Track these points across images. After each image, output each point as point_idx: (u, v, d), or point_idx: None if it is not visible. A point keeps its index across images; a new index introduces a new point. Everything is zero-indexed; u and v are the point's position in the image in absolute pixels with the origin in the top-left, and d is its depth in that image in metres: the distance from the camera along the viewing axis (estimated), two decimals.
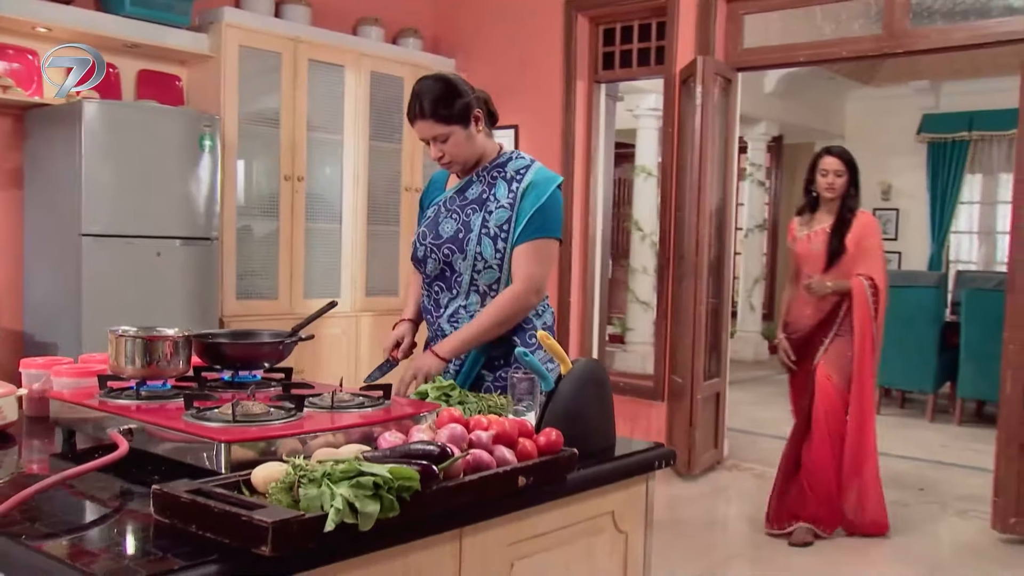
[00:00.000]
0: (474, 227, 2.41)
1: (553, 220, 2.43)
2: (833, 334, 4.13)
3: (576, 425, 1.88)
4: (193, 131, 4.50)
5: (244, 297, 5.07)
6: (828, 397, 4.11)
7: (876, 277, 4.05)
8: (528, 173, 2.44)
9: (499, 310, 2.36)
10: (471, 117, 2.40)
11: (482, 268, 2.40)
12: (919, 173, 10.33)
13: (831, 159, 4.09)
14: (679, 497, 4.88)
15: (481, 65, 6.16)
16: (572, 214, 5.76)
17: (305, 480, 1.36)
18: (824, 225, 4.13)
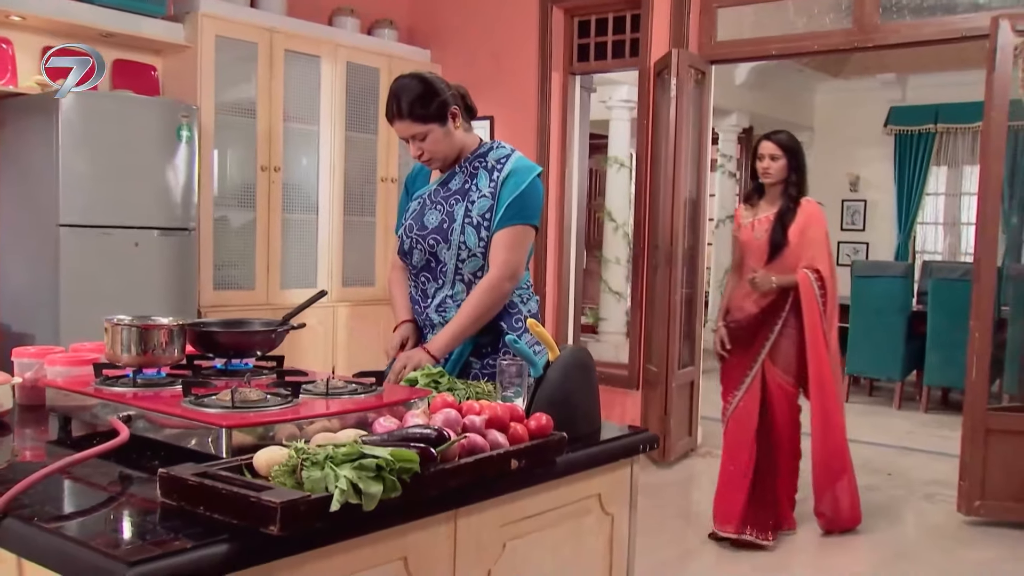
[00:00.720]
0: (457, 217, 2.46)
1: (531, 207, 2.48)
2: (778, 331, 3.97)
3: (564, 410, 1.93)
4: (171, 121, 4.50)
5: (221, 288, 5.08)
6: (782, 406, 4.00)
7: (822, 268, 3.90)
8: (508, 162, 2.49)
9: (478, 301, 2.41)
10: (448, 114, 2.44)
11: (466, 257, 2.46)
12: (886, 165, 10.50)
13: (766, 143, 3.98)
14: (653, 484, 4.96)
15: (456, 56, 6.20)
16: (547, 205, 5.82)
17: (308, 463, 1.41)
18: (768, 213, 4.00)
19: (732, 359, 4.08)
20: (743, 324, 4.03)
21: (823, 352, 3.90)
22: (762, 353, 3.98)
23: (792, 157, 3.95)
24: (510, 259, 2.44)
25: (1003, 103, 4.18)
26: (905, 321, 7.02)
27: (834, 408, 4.03)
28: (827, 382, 3.95)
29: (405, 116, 2.41)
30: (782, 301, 3.93)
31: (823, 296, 3.89)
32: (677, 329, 5.03)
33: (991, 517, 4.32)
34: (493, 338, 2.47)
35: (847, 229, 10.82)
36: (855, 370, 7.33)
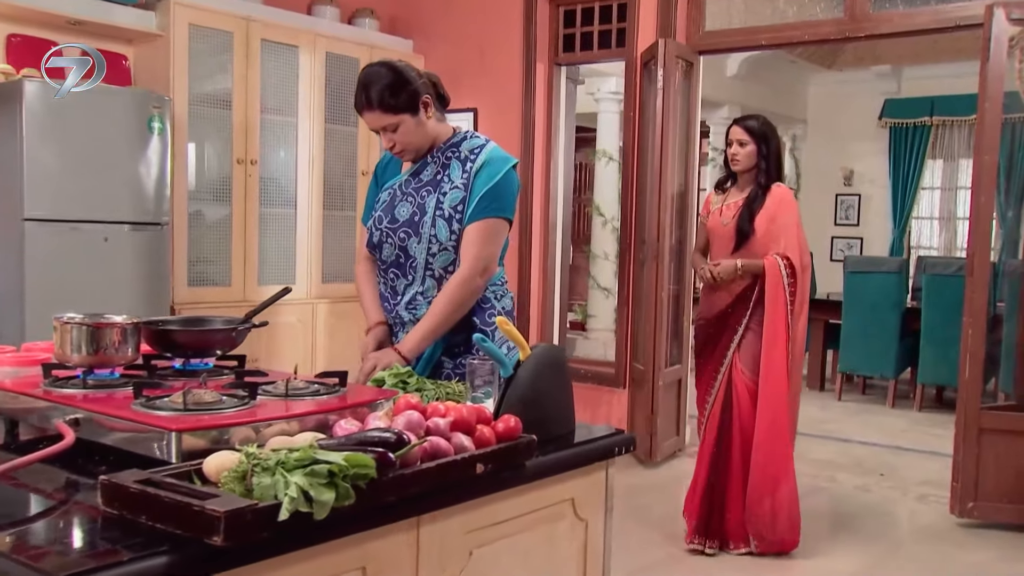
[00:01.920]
0: (428, 209, 2.42)
1: (505, 200, 2.43)
2: (745, 325, 3.79)
3: (535, 411, 1.89)
4: (142, 112, 4.43)
5: (196, 284, 5.02)
6: (747, 408, 3.80)
7: (792, 256, 3.71)
8: (482, 153, 2.44)
9: (449, 298, 2.37)
10: (420, 104, 2.39)
11: (437, 251, 2.41)
12: (881, 158, 10.49)
13: (734, 128, 3.87)
14: (639, 485, 4.93)
15: (439, 47, 6.14)
16: (532, 199, 5.77)
17: (259, 468, 1.36)
18: (737, 199, 3.86)
19: (703, 361, 3.97)
20: (711, 321, 3.92)
21: (782, 346, 3.71)
22: (731, 350, 3.83)
23: (762, 143, 3.81)
24: (482, 253, 2.39)
25: (997, 94, 4.15)
26: (899, 318, 7.00)
27: (782, 409, 3.76)
28: (779, 380, 3.72)
29: (375, 106, 2.36)
30: (750, 292, 3.79)
31: (792, 286, 3.72)
32: (664, 326, 4.99)
33: (984, 519, 4.29)
34: (466, 336, 2.42)
35: (841, 224, 10.81)
36: (848, 368, 7.31)
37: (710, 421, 3.92)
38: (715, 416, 3.89)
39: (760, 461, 3.79)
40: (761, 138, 3.83)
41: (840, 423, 6.44)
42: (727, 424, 3.87)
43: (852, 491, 4.85)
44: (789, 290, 3.75)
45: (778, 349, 3.76)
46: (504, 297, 2.53)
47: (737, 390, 3.84)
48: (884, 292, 7.00)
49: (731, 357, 3.85)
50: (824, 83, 10.78)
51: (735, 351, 3.83)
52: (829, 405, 7.10)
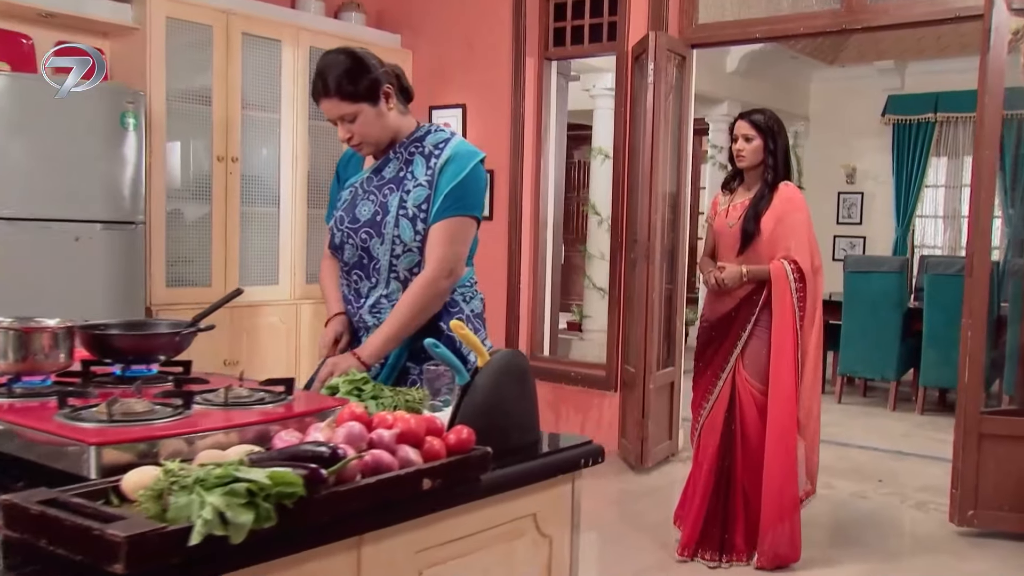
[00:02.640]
0: (391, 208, 2.32)
1: (472, 197, 2.33)
2: (749, 330, 3.64)
3: (493, 421, 1.79)
4: (114, 108, 4.35)
5: (175, 285, 4.92)
6: (752, 416, 3.66)
7: (800, 260, 3.55)
8: (447, 147, 2.34)
9: (411, 301, 2.27)
10: (380, 93, 2.30)
11: (401, 252, 2.31)
12: (884, 156, 10.36)
13: (740, 122, 3.70)
14: (630, 492, 4.83)
15: (428, 42, 6.05)
16: (522, 197, 5.67)
17: (176, 487, 1.26)
18: (744, 199, 3.72)
19: (703, 364, 3.84)
20: (715, 324, 3.79)
21: (790, 356, 3.57)
22: (733, 354, 3.69)
23: (768, 138, 3.65)
24: (448, 254, 2.29)
25: (998, 87, 4.04)
26: (900, 318, 6.89)
27: (791, 425, 3.60)
28: (788, 394, 3.56)
29: (332, 94, 2.27)
30: (756, 295, 3.65)
31: (800, 292, 3.58)
32: (655, 328, 4.89)
33: (985, 527, 4.18)
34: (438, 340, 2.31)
35: (843, 222, 10.69)
36: (848, 370, 7.20)
37: (710, 428, 3.79)
38: (717, 424, 3.76)
39: (775, 488, 3.63)
40: (768, 133, 3.67)
41: (839, 426, 6.33)
42: (730, 433, 3.74)
43: (849, 498, 4.75)
44: (797, 295, 3.59)
45: (786, 359, 3.60)
46: (473, 299, 2.43)
47: (741, 398, 3.70)
48: (885, 292, 6.88)
49: (734, 363, 3.71)
50: (826, 79, 10.67)
51: (738, 356, 3.69)
52: (829, 408, 6.94)
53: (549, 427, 5.92)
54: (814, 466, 3.82)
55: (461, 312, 2.36)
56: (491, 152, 5.79)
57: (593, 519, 4.45)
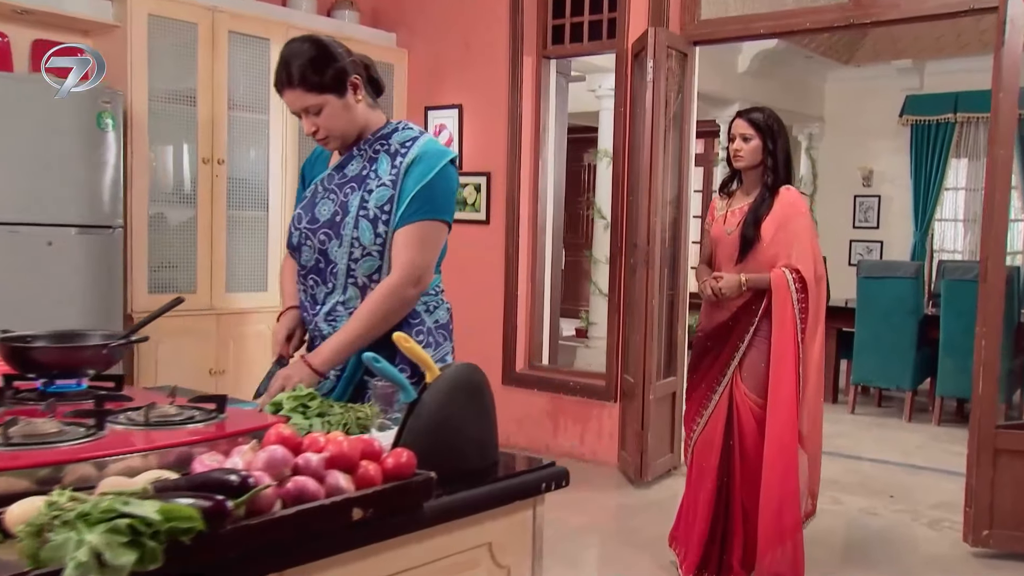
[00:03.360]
0: (351, 208, 2.19)
1: (441, 200, 2.20)
2: (748, 341, 3.47)
3: (443, 441, 1.67)
4: (90, 108, 4.24)
5: (158, 291, 4.81)
6: (751, 431, 3.48)
7: (803, 268, 3.38)
8: (414, 146, 2.22)
9: (373, 307, 2.14)
10: (347, 84, 2.18)
11: (360, 256, 2.19)
12: (902, 158, 10.17)
13: (737, 120, 3.52)
14: (628, 506, 4.69)
15: (424, 40, 5.93)
16: (520, 200, 5.54)
17: (58, 522, 1.14)
18: (743, 204, 3.55)
19: (698, 376, 3.69)
20: (711, 334, 3.63)
21: (791, 369, 3.41)
22: (731, 366, 3.54)
23: (768, 138, 3.48)
24: (415, 260, 2.16)
25: (1013, 82, 3.89)
26: (916, 326, 6.71)
27: (790, 443, 3.41)
28: (789, 409, 3.38)
29: (295, 84, 2.15)
30: (755, 304, 3.49)
31: (802, 302, 3.42)
32: (656, 336, 4.74)
33: (1001, 548, 4.00)
34: (391, 353, 2.17)
35: (859, 227, 10.50)
36: (861, 379, 7.02)
37: (707, 444, 3.62)
38: (715, 440, 3.59)
39: (773, 507, 3.45)
40: (767, 132, 3.50)
41: (851, 438, 6.16)
42: (728, 449, 3.58)
43: (857, 515, 4.58)
44: (799, 306, 3.43)
45: (787, 372, 3.43)
46: (438, 309, 2.29)
47: (740, 413, 3.53)
48: (900, 298, 6.71)
49: (731, 375, 3.55)
50: (841, 79, 10.49)
51: (736, 368, 3.54)
52: (841, 418, 6.81)
53: (547, 439, 5.79)
54: (815, 485, 3.66)
55: (422, 324, 2.22)
56: (488, 154, 5.70)
57: (588, 535, 4.31)
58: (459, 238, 5.84)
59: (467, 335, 5.87)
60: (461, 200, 5.75)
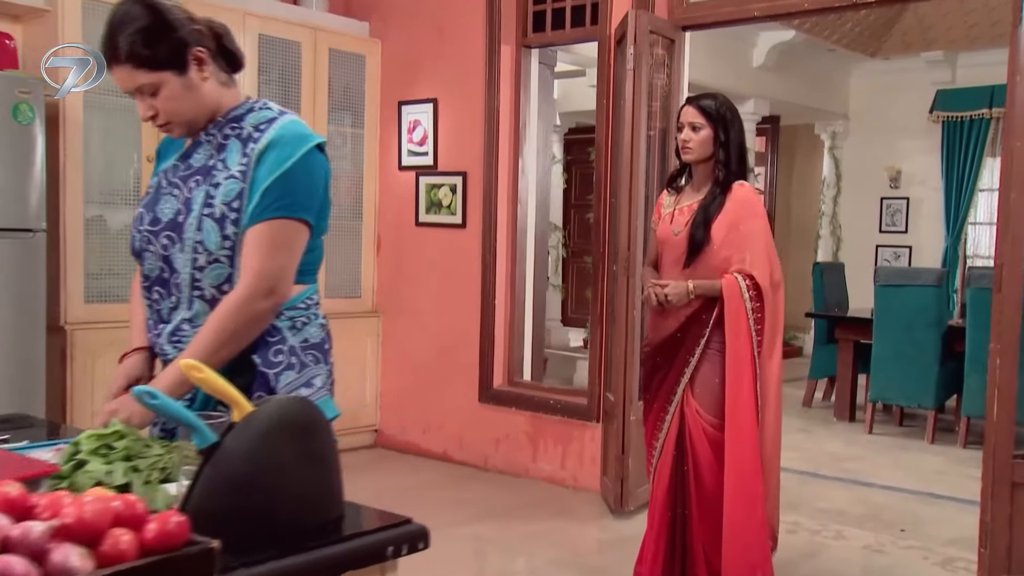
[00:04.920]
0: (194, 206, 1.89)
1: (300, 194, 1.90)
2: (699, 354, 3.20)
3: (253, 498, 1.37)
4: (5, 99, 3.98)
5: (95, 300, 4.57)
6: (704, 455, 3.18)
7: (758, 274, 3.13)
8: (270, 129, 1.91)
9: (217, 326, 1.84)
10: (189, 59, 1.88)
11: (205, 263, 1.89)
12: (932, 157, 9.76)
13: (686, 108, 3.25)
14: (605, 540, 4.36)
15: (398, 30, 5.65)
16: (498, 202, 5.24)
17: None
18: (692, 202, 3.27)
19: (651, 396, 3.38)
20: (659, 348, 3.33)
21: (749, 386, 3.13)
22: (681, 383, 3.24)
23: (720, 127, 3.20)
24: (265, 267, 1.86)
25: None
26: (939, 338, 6.32)
27: (752, 468, 3.13)
28: (749, 429, 3.11)
29: (123, 59, 1.85)
30: (705, 313, 3.21)
31: (757, 311, 3.14)
32: (636, 350, 4.40)
33: None
34: (248, 380, 1.88)
35: (887, 231, 10.11)
36: (879, 396, 6.63)
37: (660, 469, 3.33)
38: (666, 464, 3.30)
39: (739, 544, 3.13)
40: (719, 121, 3.22)
41: (864, 462, 5.79)
42: (681, 476, 3.27)
43: (861, 552, 4.22)
44: (754, 316, 3.15)
45: (744, 390, 3.15)
46: (308, 327, 1.98)
47: (692, 434, 3.23)
48: (921, 308, 6.32)
49: (681, 392, 3.26)
50: (867, 73, 10.12)
51: (687, 385, 3.25)
52: (856, 439, 6.44)
53: (526, 462, 5.45)
54: (774, 521, 3.35)
55: (283, 343, 1.91)
56: (464, 152, 5.40)
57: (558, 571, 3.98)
58: (433, 243, 5.61)
59: (442, 348, 5.61)
60: (436, 202, 5.46)
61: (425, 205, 5.53)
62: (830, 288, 7.66)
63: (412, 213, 5.59)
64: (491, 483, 5.11)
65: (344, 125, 5.67)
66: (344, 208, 5.67)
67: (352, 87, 5.65)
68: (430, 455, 5.57)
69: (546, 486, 5.05)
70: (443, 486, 5.08)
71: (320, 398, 1.90)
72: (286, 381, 1.87)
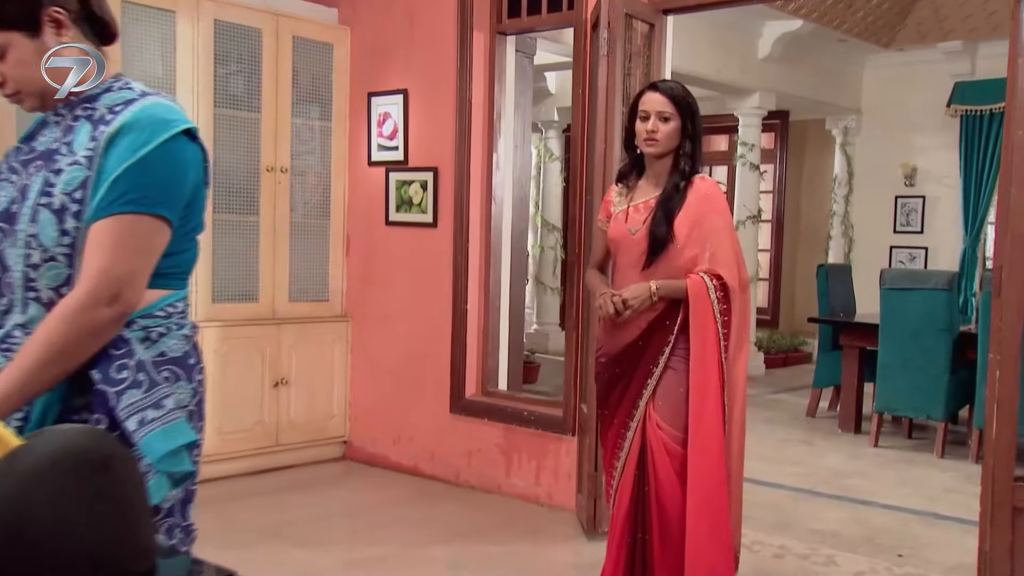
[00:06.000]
0: (31, 195, 1.68)
1: (158, 187, 1.69)
2: (663, 364, 3.01)
3: (13, 558, 1.14)
4: None
5: None
6: (667, 474, 2.97)
7: (725, 273, 2.97)
8: (125, 112, 1.70)
9: (49, 336, 1.62)
10: (43, 19, 1.68)
11: (40, 260, 1.68)
12: (950, 153, 9.49)
13: (653, 95, 3.02)
14: (579, 566, 4.11)
15: (368, 16, 5.43)
16: (469, 200, 5.00)
17: None
18: (649, 197, 3.07)
19: (609, 412, 3.16)
20: (618, 358, 3.10)
21: (716, 395, 2.93)
22: (644, 396, 3.03)
23: (688, 118, 3.02)
24: (112, 270, 1.64)
25: None
26: (949, 345, 6.04)
27: (718, 485, 2.95)
28: (715, 444, 2.94)
29: None
30: (669, 318, 3.00)
31: (725, 314, 2.96)
32: None
33: None
34: (90, 399, 1.66)
35: (901, 231, 9.84)
36: (885, 406, 6.35)
37: (620, 491, 3.11)
38: (627, 485, 3.08)
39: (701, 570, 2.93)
40: (687, 111, 3.03)
41: (866, 478, 5.53)
42: (642, 497, 3.05)
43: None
44: (722, 319, 2.97)
45: (711, 400, 2.95)
46: (166, 338, 1.76)
47: (653, 451, 3.01)
48: (930, 313, 6.05)
49: (644, 406, 3.04)
50: (881, 65, 9.87)
51: (649, 399, 3.03)
52: (860, 453, 6.17)
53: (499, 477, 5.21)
54: (736, 540, 3.14)
55: (130, 356, 1.69)
56: (435, 147, 5.16)
57: None
58: (404, 243, 5.38)
59: (412, 356, 5.39)
60: (407, 200, 5.24)
61: (395, 203, 5.30)
62: (835, 291, 7.40)
63: (382, 211, 5.37)
64: (460, 500, 4.88)
65: (311, 118, 5.45)
66: (311, 206, 5.47)
67: (320, 78, 5.44)
68: (400, 469, 5.35)
69: (519, 504, 4.81)
70: (409, 504, 4.85)
71: (169, 422, 1.68)
72: (128, 401, 1.65)
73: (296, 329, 5.32)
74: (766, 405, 7.85)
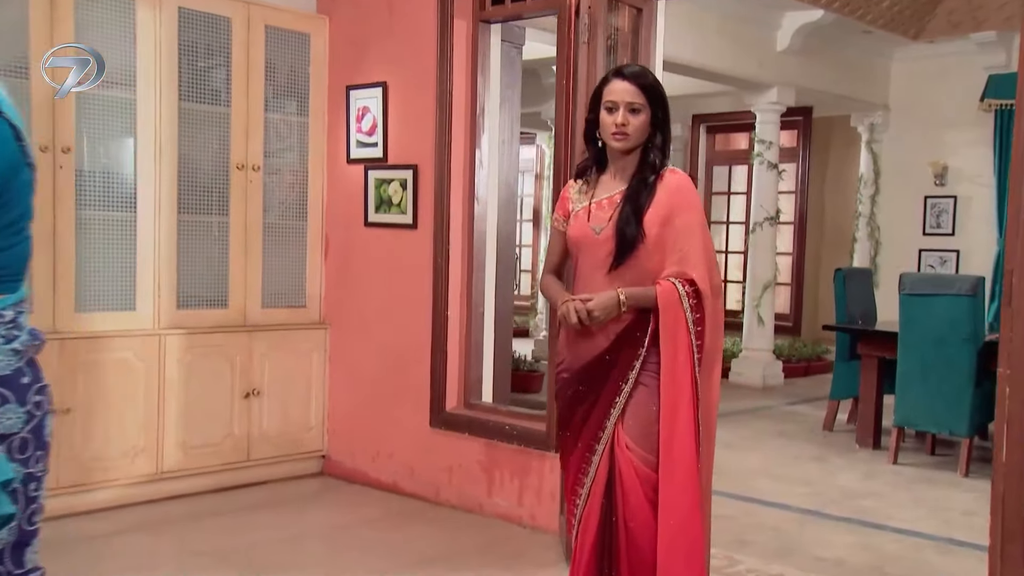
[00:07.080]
0: None
1: None
2: (633, 380, 2.81)
3: None
4: None
5: None
6: (637, 498, 2.77)
7: (698, 277, 2.78)
8: None
9: None
10: None
11: None
12: (983, 150, 9.21)
13: (622, 84, 2.80)
14: None
15: (347, 4, 5.25)
16: (451, 200, 4.79)
17: None
18: (614, 193, 2.86)
19: (571, 434, 2.93)
20: (582, 375, 2.88)
21: (689, 412, 2.74)
22: (612, 415, 2.82)
23: (658, 108, 2.82)
24: None
25: None
26: (973, 355, 5.76)
27: (691, 510, 2.75)
28: (688, 465, 2.74)
29: None
30: (640, 328, 2.80)
31: (698, 324, 2.76)
32: None
33: None
34: None
35: (931, 233, 9.55)
36: (904, 420, 6.08)
37: (586, 521, 2.89)
38: (592, 515, 2.87)
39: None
40: (657, 101, 2.83)
41: (880, 499, 5.26)
42: (610, 526, 2.84)
43: None
44: (695, 329, 2.76)
45: (683, 419, 2.75)
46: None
47: (622, 476, 2.80)
48: (953, 321, 5.78)
49: (612, 427, 2.83)
50: (910, 58, 9.59)
51: (618, 419, 2.82)
52: (877, 471, 5.90)
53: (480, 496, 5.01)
54: None
55: None
56: (415, 143, 4.94)
57: None
58: (384, 245, 5.17)
59: (392, 366, 5.18)
60: (387, 199, 5.04)
61: (375, 203, 5.11)
62: (854, 297, 7.12)
63: (361, 212, 5.17)
64: (439, 522, 4.67)
65: (288, 113, 5.28)
66: (287, 206, 5.29)
67: (297, 70, 5.26)
68: (379, 486, 5.15)
69: (501, 525, 4.59)
70: (385, 525, 4.64)
71: None
72: None
73: (269, 337, 5.14)
74: (781, 417, 7.60)
